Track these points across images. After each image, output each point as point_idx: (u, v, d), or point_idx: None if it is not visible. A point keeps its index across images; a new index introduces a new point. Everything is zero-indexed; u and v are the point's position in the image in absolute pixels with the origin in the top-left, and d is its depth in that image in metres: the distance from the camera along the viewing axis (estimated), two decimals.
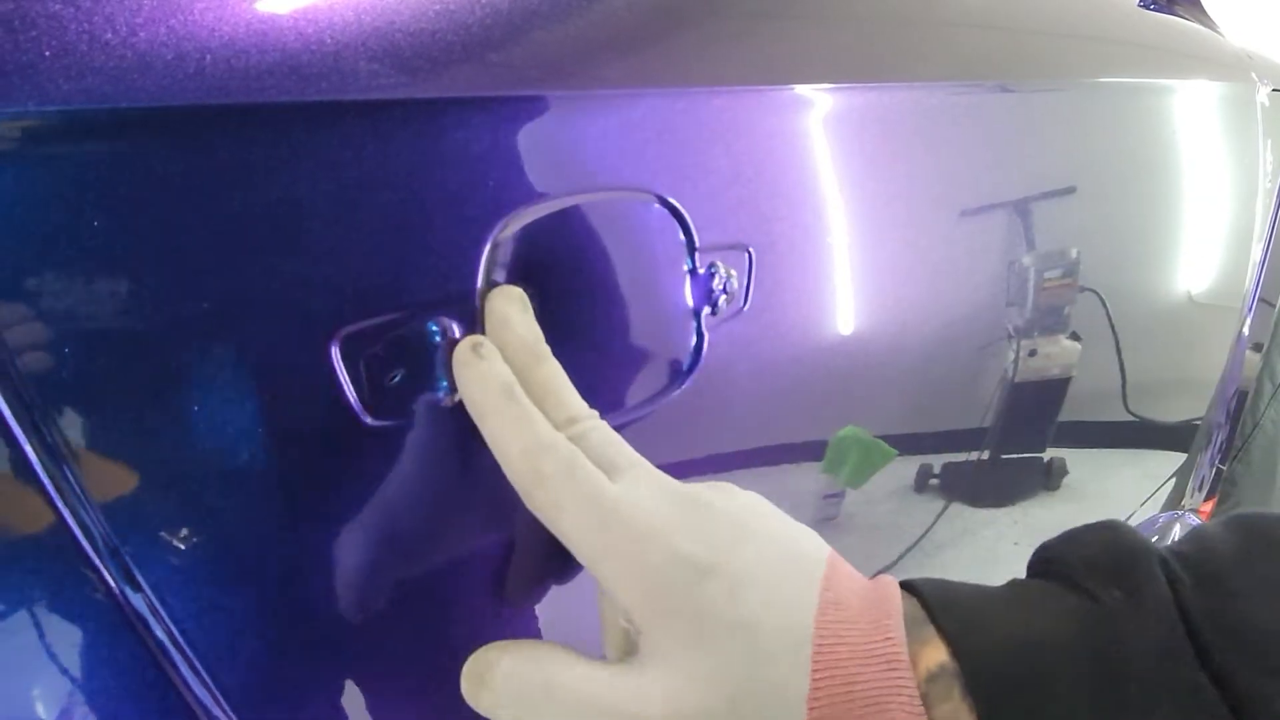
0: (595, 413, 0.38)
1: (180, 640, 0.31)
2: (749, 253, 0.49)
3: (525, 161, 0.38)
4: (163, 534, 0.30)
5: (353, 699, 0.37)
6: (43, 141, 0.27)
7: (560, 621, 0.45)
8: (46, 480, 0.27)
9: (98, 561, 0.29)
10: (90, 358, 0.28)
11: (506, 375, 0.35)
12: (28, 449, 0.27)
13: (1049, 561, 0.38)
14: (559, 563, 0.42)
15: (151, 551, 0.30)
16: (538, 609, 0.43)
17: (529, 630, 0.43)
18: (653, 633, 0.34)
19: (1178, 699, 0.32)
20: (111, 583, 0.29)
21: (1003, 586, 0.37)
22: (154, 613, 0.30)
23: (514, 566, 0.42)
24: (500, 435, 0.35)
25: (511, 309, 0.37)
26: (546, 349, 0.38)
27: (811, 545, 0.37)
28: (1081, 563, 0.36)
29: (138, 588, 0.30)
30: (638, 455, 0.38)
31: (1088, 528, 0.38)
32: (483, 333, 0.37)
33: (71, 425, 0.28)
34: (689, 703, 0.32)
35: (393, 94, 0.34)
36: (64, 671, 0.29)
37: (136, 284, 0.29)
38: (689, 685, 0.33)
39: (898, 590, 0.36)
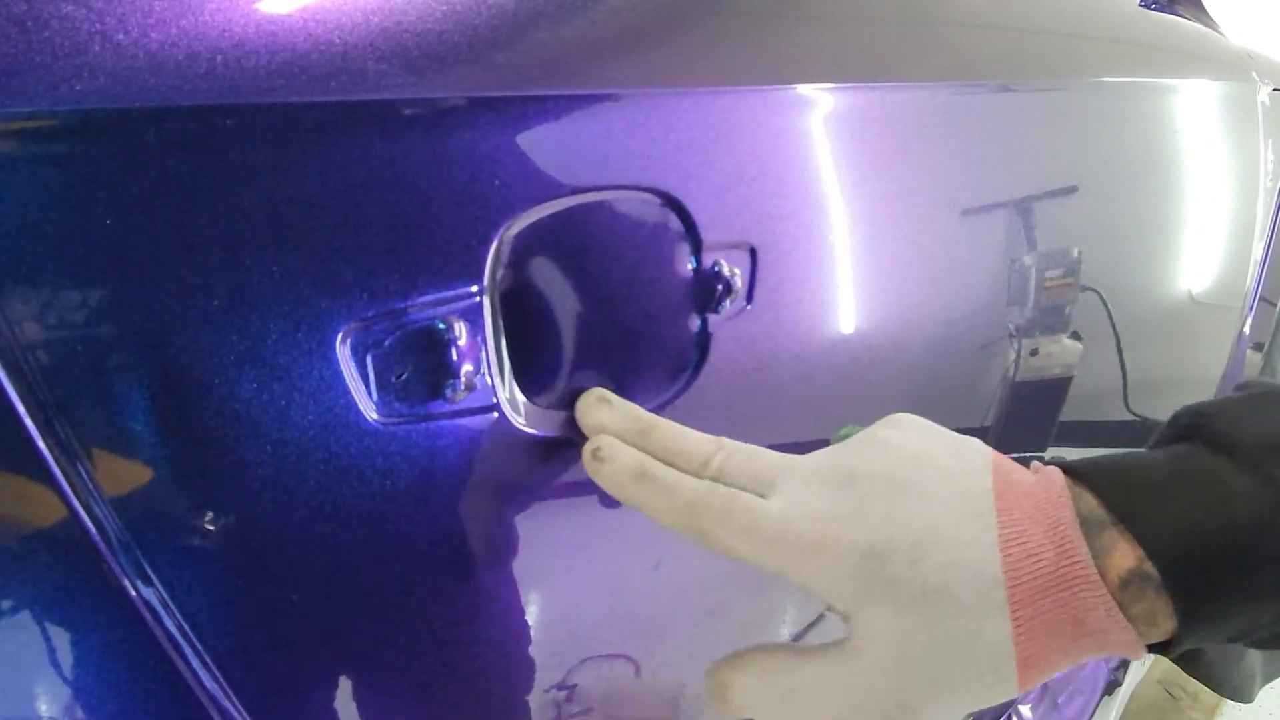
0: (722, 439, 0.40)
1: (191, 634, 0.31)
2: (753, 251, 0.49)
3: (531, 161, 0.38)
4: (173, 529, 0.30)
5: (362, 693, 0.37)
6: (55, 141, 0.27)
7: (568, 614, 0.45)
8: (59, 475, 0.28)
9: (109, 556, 0.29)
10: (102, 355, 0.28)
11: (632, 462, 0.38)
12: (41, 445, 0.27)
13: (1205, 429, 0.38)
14: (569, 556, 0.42)
15: (162, 546, 0.30)
16: (545, 602, 0.43)
17: (533, 623, 0.44)
18: (858, 620, 0.36)
19: None
20: (123, 577, 0.29)
21: (1168, 460, 0.38)
22: (165, 606, 0.30)
23: (523, 560, 0.42)
24: (655, 513, 0.37)
25: (601, 403, 0.40)
26: (649, 416, 0.41)
27: (974, 465, 0.38)
28: (1252, 441, 0.36)
29: (149, 582, 0.30)
30: (779, 456, 0.39)
31: (1244, 398, 0.39)
32: (493, 336, 0.38)
33: (83, 421, 0.28)
34: (912, 675, 0.35)
35: (400, 94, 0.34)
36: (75, 664, 0.29)
37: (147, 281, 0.29)
38: (906, 658, 0.35)
39: (1067, 491, 0.36)
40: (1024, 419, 0.82)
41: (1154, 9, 1.12)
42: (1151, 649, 0.37)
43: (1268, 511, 0.35)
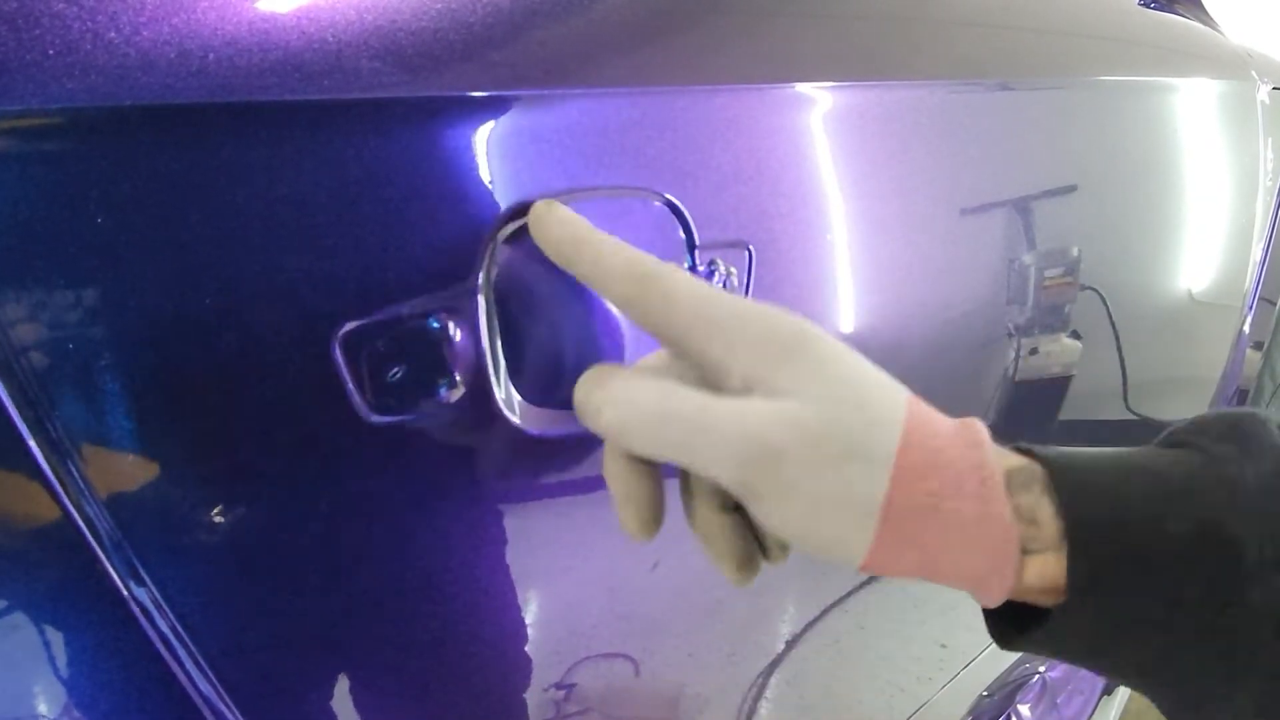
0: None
1: (184, 634, 0.31)
2: (749, 250, 0.49)
3: (526, 160, 0.38)
4: (166, 529, 0.30)
5: (357, 694, 0.37)
6: (47, 139, 0.27)
7: (567, 613, 0.45)
8: (51, 475, 0.28)
9: (102, 556, 0.29)
10: (94, 353, 0.28)
11: (582, 219, 0.37)
12: (32, 444, 0.27)
13: (1174, 435, 0.38)
14: (566, 555, 0.42)
15: (155, 546, 0.30)
16: (543, 602, 0.43)
17: (530, 622, 0.44)
18: (766, 379, 0.34)
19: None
20: (115, 577, 0.29)
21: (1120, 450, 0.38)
22: (158, 606, 0.30)
23: (520, 559, 0.42)
24: (597, 262, 0.36)
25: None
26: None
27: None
28: (1194, 427, 0.37)
29: (141, 582, 0.30)
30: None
31: (1214, 411, 0.39)
32: (488, 335, 0.37)
33: (75, 421, 0.28)
34: (790, 417, 0.33)
35: (395, 92, 0.34)
36: (68, 665, 0.29)
37: (140, 281, 0.29)
38: (795, 406, 0.34)
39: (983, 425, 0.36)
40: (1023, 418, 0.82)
41: (1153, 8, 1.12)
42: (1031, 623, 0.36)
43: (1199, 466, 0.35)
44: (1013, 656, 0.94)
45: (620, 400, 0.34)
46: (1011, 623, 0.37)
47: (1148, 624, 0.34)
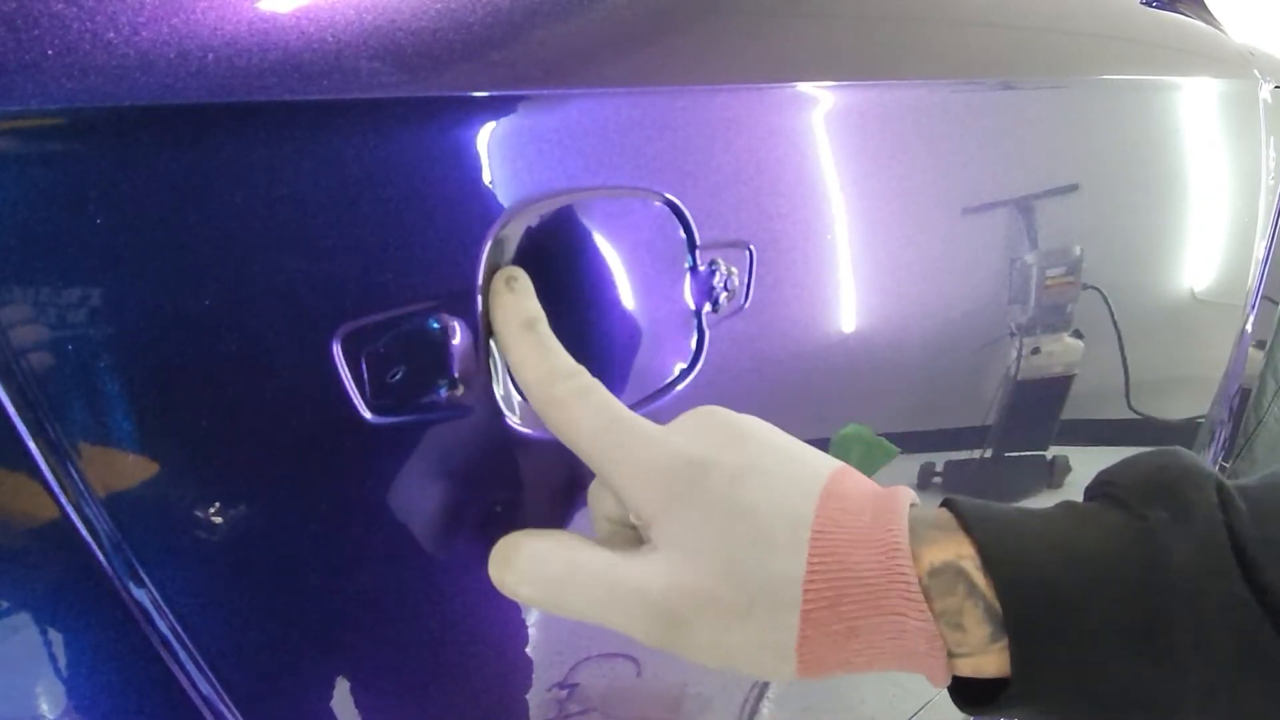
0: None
1: (184, 635, 0.31)
2: (750, 250, 0.49)
3: (526, 160, 0.38)
4: (166, 529, 0.30)
5: (359, 695, 0.37)
6: (45, 140, 0.27)
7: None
8: (49, 475, 0.28)
9: (101, 556, 0.29)
10: (93, 354, 0.28)
11: (533, 310, 0.37)
12: (31, 444, 0.27)
13: (1101, 484, 0.37)
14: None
15: (155, 546, 0.30)
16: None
17: (531, 622, 0.43)
18: (660, 523, 0.35)
19: (1221, 613, 0.32)
20: (115, 577, 0.29)
21: (1048, 508, 0.37)
22: (157, 608, 0.30)
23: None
24: (522, 362, 0.37)
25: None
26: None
27: (822, 456, 0.38)
28: (1131, 483, 0.35)
29: (141, 583, 0.30)
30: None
31: (1147, 454, 0.38)
32: (487, 335, 0.37)
33: (74, 421, 0.28)
34: (689, 580, 0.33)
35: (394, 92, 0.34)
36: (67, 666, 0.29)
37: (139, 281, 0.29)
38: (691, 565, 0.34)
39: (908, 494, 0.36)
40: (1025, 418, 0.82)
41: (1155, 6, 1.12)
42: (971, 694, 0.35)
43: (1130, 542, 0.33)
44: None
45: (528, 578, 0.35)
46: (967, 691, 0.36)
47: (1095, 704, 0.33)
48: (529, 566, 0.35)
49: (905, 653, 0.34)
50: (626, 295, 0.44)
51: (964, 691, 0.37)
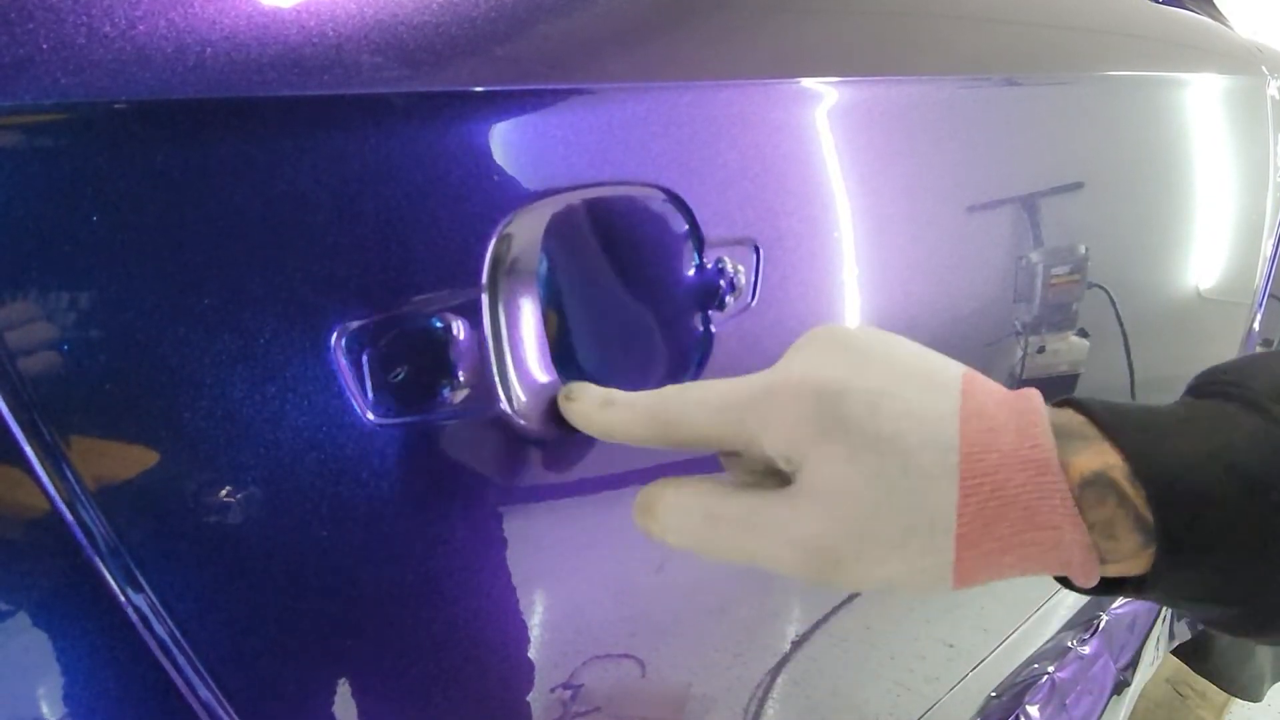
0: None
1: (183, 641, 0.30)
2: (757, 248, 0.48)
3: (531, 156, 0.38)
4: (164, 533, 0.30)
5: (362, 699, 0.36)
6: (39, 136, 0.27)
7: (573, 614, 0.44)
8: (45, 479, 0.27)
9: (98, 561, 0.28)
10: (90, 355, 0.28)
11: (600, 393, 0.39)
12: (26, 448, 0.27)
13: (1222, 384, 0.37)
14: (572, 557, 0.42)
15: (152, 551, 0.29)
16: (549, 603, 0.43)
17: (535, 624, 0.43)
18: (806, 463, 0.34)
19: None
20: (112, 583, 0.29)
21: (1172, 405, 0.37)
22: (155, 613, 0.30)
23: (524, 562, 0.41)
24: (623, 427, 0.37)
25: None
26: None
27: (945, 362, 0.37)
28: (1266, 388, 0.35)
29: (139, 588, 0.29)
30: None
31: (1263, 355, 0.38)
32: (492, 335, 0.37)
33: (70, 423, 0.28)
34: (842, 519, 0.33)
35: (396, 88, 0.33)
36: (65, 672, 0.29)
37: (136, 280, 0.28)
38: (842, 503, 0.33)
39: (1040, 399, 0.35)
40: None
41: (1163, 2, 1.11)
42: (1114, 586, 0.36)
43: (1271, 451, 0.33)
44: (1020, 657, 0.94)
45: (671, 526, 0.36)
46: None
47: (1219, 601, 0.35)
48: (666, 511, 0.36)
49: (1060, 563, 0.34)
50: (632, 293, 0.43)
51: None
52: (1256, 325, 1.19)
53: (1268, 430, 0.34)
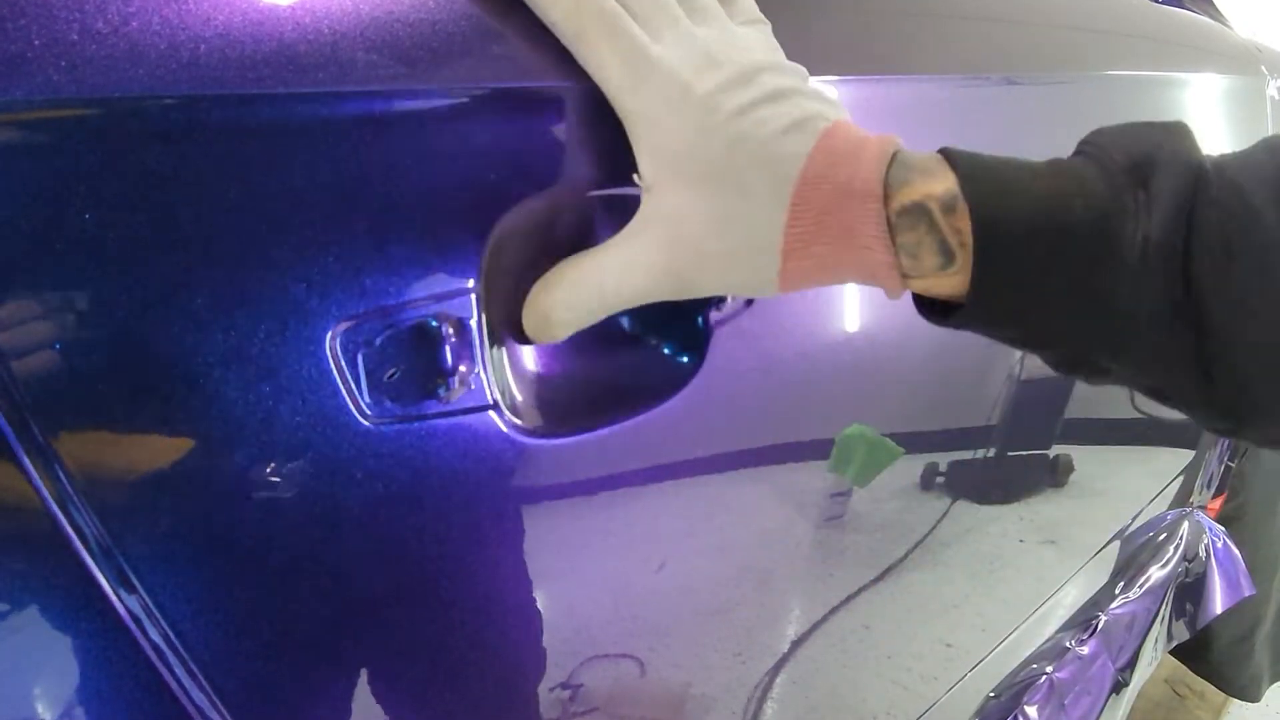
0: None
1: (176, 643, 0.30)
2: None
3: (527, 154, 0.38)
4: (157, 534, 0.30)
5: (354, 700, 0.36)
6: (31, 133, 0.26)
7: (571, 615, 0.44)
8: (38, 480, 0.27)
9: (91, 563, 0.28)
10: (82, 354, 0.27)
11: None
12: (18, 449, 0.27)
13: (1093, 145, 0.41)
14: (570, 557, 0.41)
15: (145, 552, 0.29)
16: (548, 604, 0.43)
17: (534, 624, 0.43)
18: (658, 186, 0.39)
19: (1152, 309, 0.37)
20: (105, 584, 0.29)
21: (1043, 161, 0.41)
22: (149, 615, 0.29)
23: (521, 562, 0.41)
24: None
25: None
26: None
27: (819, 117, 0.40)
28: (1122, 156, 0.39)
29: (132, 589, 0.29)
30: (680, 13, 0.40)
31: (1149, 126, 0.41)
32: (487, 334, 0.37)
33: (63, 423, 0.27)
34: (683, 237, 0.38)
35: (391, 85, 0.33)
36: (57, 675, 0.28)
37: (129, 278, 0.28)
38: (682, 225, 0.38)
39: (895, 144, 0.39)
40: (1029, 417, 0.82)
41: (1163, 2, 1.11)
42: (945, 311, 0.41)
43: (1099, 215, 0.37)
44: (1018, 657, 0.94)
45: (556, 320, 0.39)
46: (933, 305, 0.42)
47: (1030, 331, 0.40)
48: (569, 318, 0.39)
49: (868, 274, 0.40)
50: None
51: (928, 307, 0.43)
52: None
53: (1104, 192, 0.38)
